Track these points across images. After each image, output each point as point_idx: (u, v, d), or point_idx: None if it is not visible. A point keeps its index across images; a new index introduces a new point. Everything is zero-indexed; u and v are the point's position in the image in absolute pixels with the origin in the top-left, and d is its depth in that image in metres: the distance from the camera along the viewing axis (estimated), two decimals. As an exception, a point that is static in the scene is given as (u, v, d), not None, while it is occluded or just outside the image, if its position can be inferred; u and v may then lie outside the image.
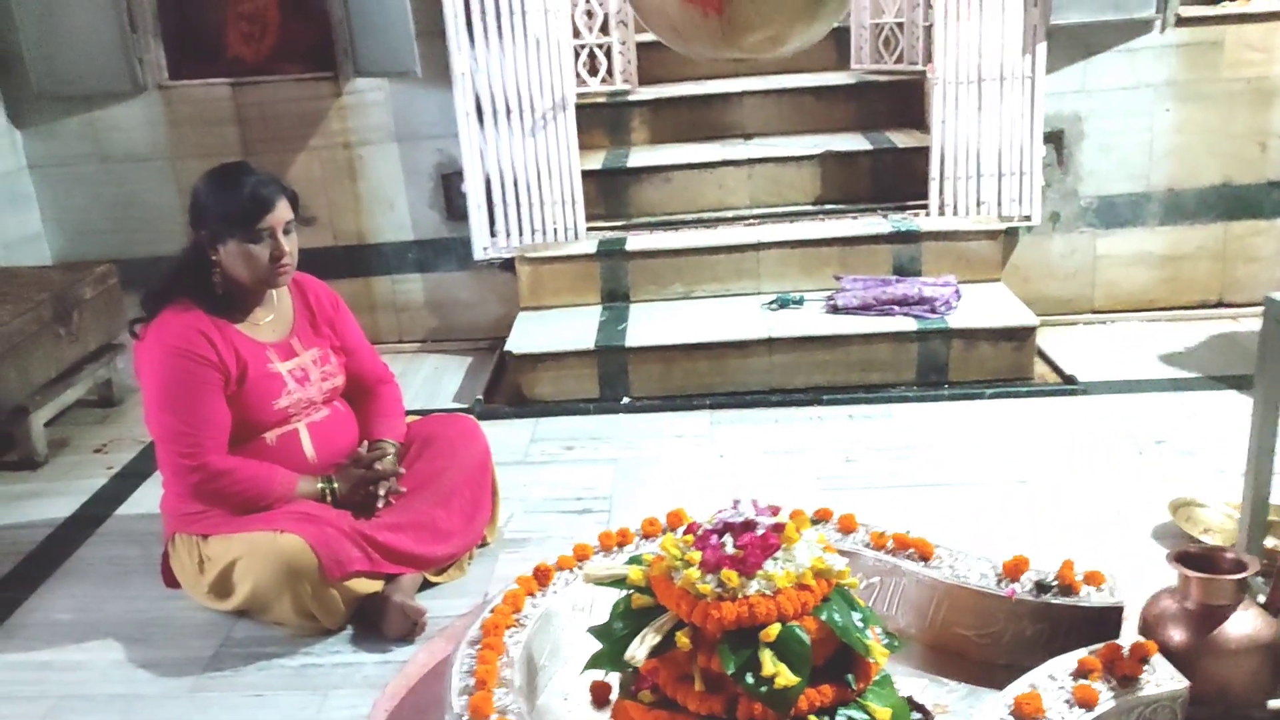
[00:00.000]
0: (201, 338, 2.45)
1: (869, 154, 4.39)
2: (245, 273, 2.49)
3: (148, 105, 4.22)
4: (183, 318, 2.47)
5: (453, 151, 4.20)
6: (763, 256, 4.11)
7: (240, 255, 2.46)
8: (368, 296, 4.44)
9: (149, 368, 2.46)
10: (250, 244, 2.45)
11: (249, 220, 2.44)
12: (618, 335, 3.82)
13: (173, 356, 2.42)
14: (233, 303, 2.55)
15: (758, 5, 1.61)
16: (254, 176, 2.50)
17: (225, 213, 2.45)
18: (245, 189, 2.46)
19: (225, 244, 2.46)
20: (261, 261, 2.47)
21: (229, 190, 2.47)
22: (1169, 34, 4.03)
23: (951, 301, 3.79)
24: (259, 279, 2.51)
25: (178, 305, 2.49)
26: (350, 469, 2.57)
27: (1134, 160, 4.19)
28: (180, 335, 2.44)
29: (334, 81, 4.21)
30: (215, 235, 2.47)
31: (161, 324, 2.47)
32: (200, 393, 2.43)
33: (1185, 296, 4.32)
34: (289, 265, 2.53)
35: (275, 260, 2.48)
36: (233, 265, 2.48)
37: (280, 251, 2.48)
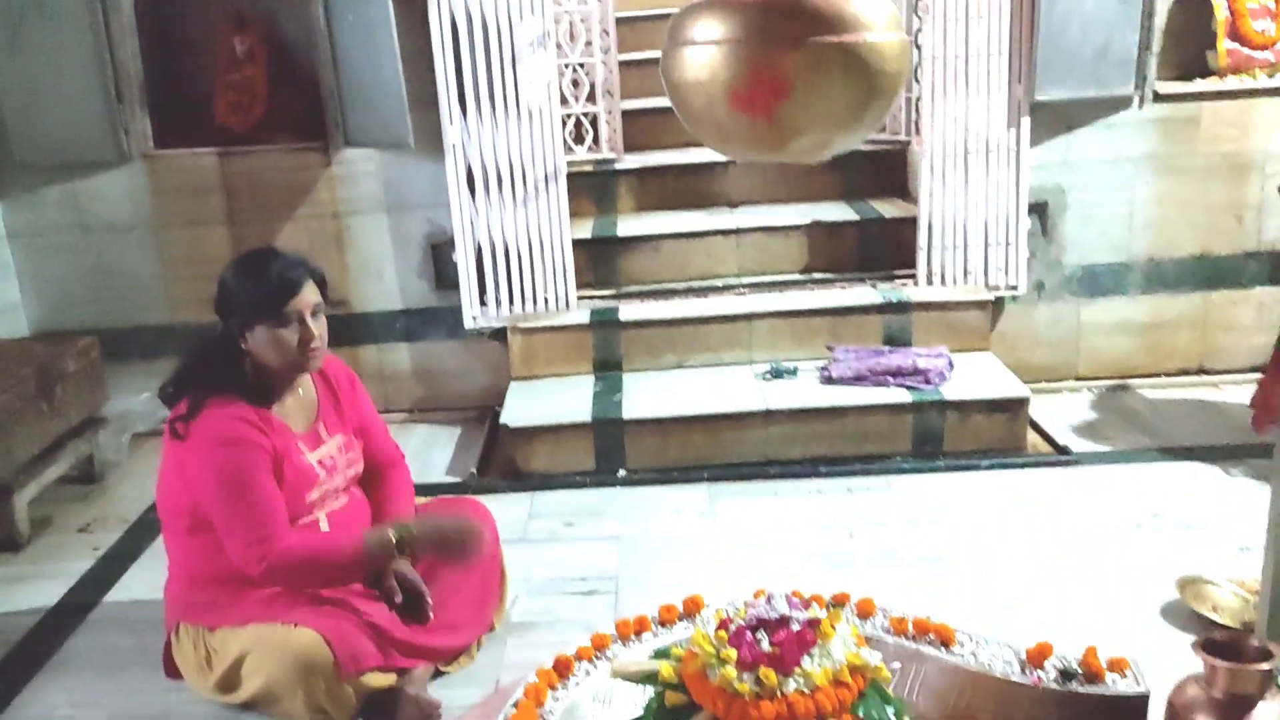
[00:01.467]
0: (251, 426, 2.39)
1: (855, 224, 4.43)
2: (275, 359, 2.43)
3: (131, 174, 4.17)
4: (228, 410, 2.39)
5: (443, 221, 4.19)
6: (755, 326, 4.12)
7: (269, 341, 2.41)
8: (354, 366, 4.28)
9: (202, 464, 2.37)
10: (279, 329, 2.40)
11: (276, 305, 2.39)
12: (613, 407, 3.80)
13: (226, 447, 2.35)
14: (265, 391, 2.49)
15: (807, 111, 1.62)
16: (280, 260, 2.45)
17: (252, 299, 2.40)
18: (271, 273, 2.41)
19: (254, 331, 2.41)
20: (290, 346, 2.41)
21: (255, 276, 2.43)
22: (1147, 110, 4.13)
23: (945, 373, 3.82)
24: (289, 364, 2.46)
25: (219, 399, 2.41)
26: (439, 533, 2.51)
27: (1115, 231, 4.27)
28: (229, 426, 2.37)
29: (323, 151, 4.19)
30: (244, 322, 2.42)
31: (207, 419, 2.38)
32: (258, 478, 2.36)
33: (1167, 364, 4.39)
34: (319, 348, 2.48)
35: (305, 344, 2.43)
36: (262, 352, 2.43)
37: (309, 335, 2.43)
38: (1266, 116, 4.13)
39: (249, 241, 4.24)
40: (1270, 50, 4.14)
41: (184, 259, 4.21)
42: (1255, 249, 4.27)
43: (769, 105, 1.61)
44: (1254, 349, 4.34)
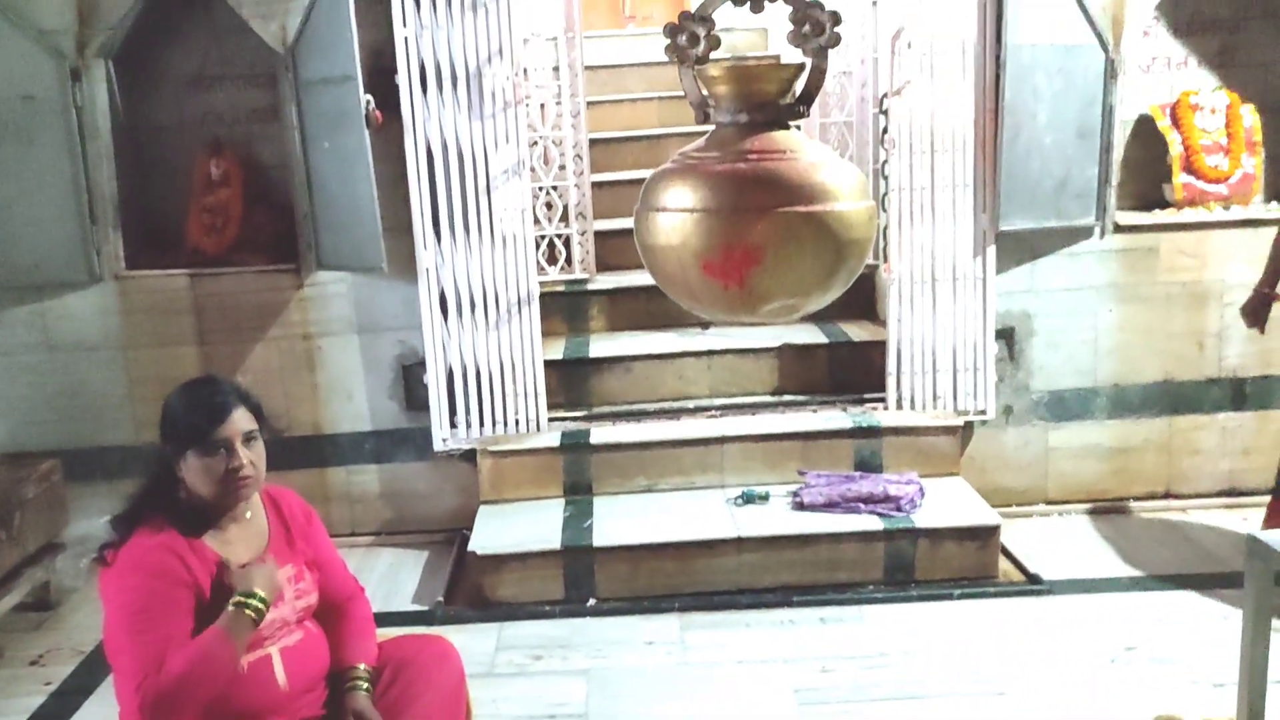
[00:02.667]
0: (175, 558, 2.32)
1: (825, 347, 4.48)
2: (205, 487, 2.38)
3: (102, 295, 4.16)
4: (155, 539, 2.33)
5: (414, 343, 4.19)
6: (726, 450, 4.12)
7: (199, 469, 2.36)
8: (321, 488, 4.33)
9: (116, 591, 2.30)
10: (207, 457, 2.35)
11: (204, 432, 2.35)
12: (584, 534, 3.77)
13: (143, 577, 2.28)
14: (203, 520, 2.44)
15: (778, 278, 1.65)
16: (214, 387, 2.42)
17: (183, 425, 2.36)
18: (201, 400, 2.38)
19: (185, 458, 2.37)
20: (217, 475, 2.36)
21: (188, 403, 2.39)
22: (1108, 240, 4.23)
23: (916, 500, 3.82)
24: (218, 494, 2.40)
25: (150, 526, 2.36)
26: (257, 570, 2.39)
27: (1081, 357, 4.33)
28: (152, 556, 2.30)
29: (296, 274, 4.20)
30: (176, 449, 2.37)
31: (132, 547, 2.33)
32: (169, 614, 2.28)
33: (1134, 488, 4.41)
34: (250, 478, 2.42)
35: (232, 473, 2.38)
36: (193, 480, 2.38)
37: (237, 464, 2.38)
38: (1222, 247, 4.24)
39: (218, 362, 4.23)
40: (1224, 184, 4.27)
41: (152, 379, 4.17)
42: (1217, 375, 4.34)
43: (740, 273, 1.64)
44: (1219, 474, 4.39)
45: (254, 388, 4.12)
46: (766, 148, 1.66)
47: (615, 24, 9.67)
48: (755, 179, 1.62)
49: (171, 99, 4.31)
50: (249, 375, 4.22)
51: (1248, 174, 4.28)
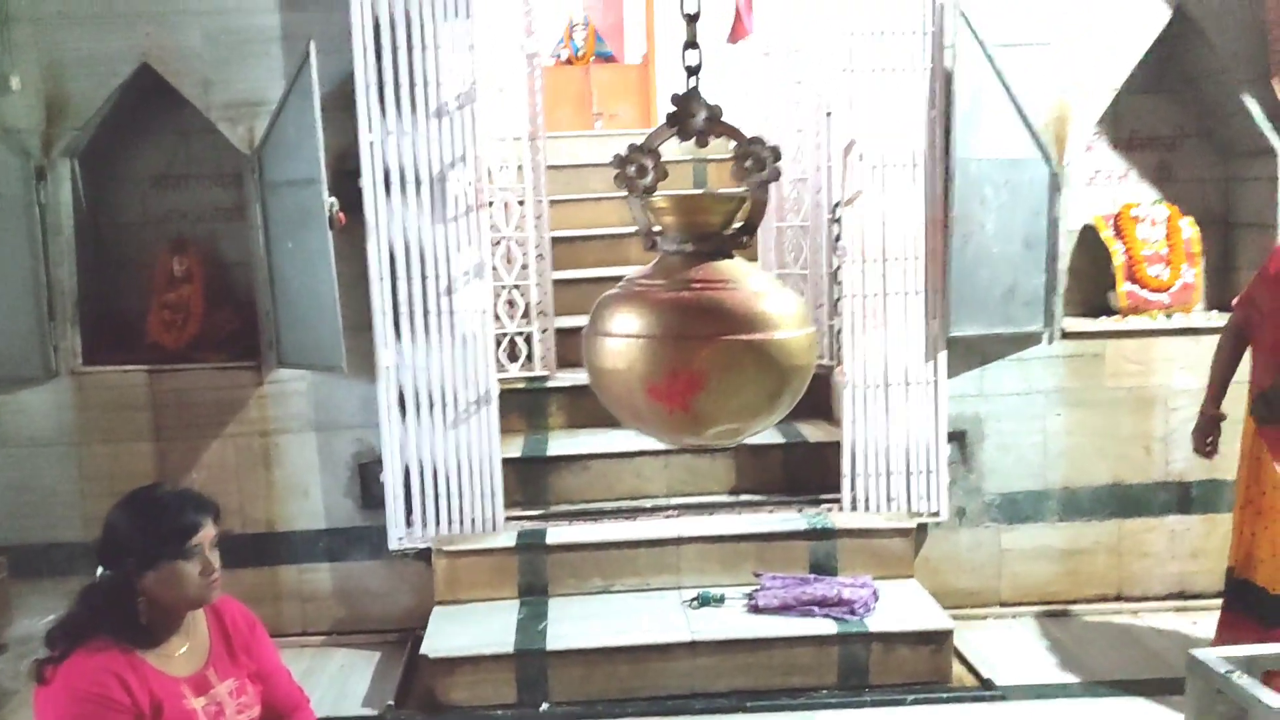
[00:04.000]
0: (115, 680, 2.29)
1: (781, 446, 4.52)
2: (176, 594, 2.36)
3: (57, 390, 4.15)
4: (95, 659, 2.30)
5: (372, 441, 4.20)
6: (682, 551, 4.13)
7: (171, 577, 2.34)
8: (274, 586, 4.29)
9: (51, 716, 2.28)
10: (182, 564, 2.35)
11: (181, 540, 2.34)
12: (537, 637, 3.74)
13: (81, 702, 2.25)
14: (153, 634, 2.41)
15: (721, 404, 1.69)
16: (176, 495, 2.42)
17: (155, 535, 2.35)
18: (173, 509, 2.37)
19: (155, 568, 2.35)
20: (194, 579, 2.35)
21: (154, 513, 2.38)
22: (1056, 346, 4.34)
23: (870, 603, 3.84)
24: (191, 599, 2.39)
25: (91, 645, 2.33)
26: None
27: (1031, 460, 4.41)
28: (92, 679, 2.28)
29: (256, 371, 4.21)
30: (143, 561, 2.36)
31: (71, 667, 2.30)
32: None
33: (1086, 590, 4.46)
34: (219, 579, 2.43)
35: (206, 576, 2.38)
36: (162, 590, 2.35)
37: (211, 568, 2.38)
38: (1166, 354, 4.36)
39: (174, 458, 4.21)
40: (1165, 293, 4.41)
41: (105, 475, 4.15)
42: (1164, 479, 4.42)
43: (685, 398, 1.68)
44: (1168, 576, 4.45)
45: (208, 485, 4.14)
46: (710, 277, 1.72)
47: (583, 123, 9.90)
48: (699, 307, 1.68)
49: (137, 196, 4.36)
50: (204, 472, 4.21)
51: (1188, 283, 4.43)
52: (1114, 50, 4.21)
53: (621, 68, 10.73)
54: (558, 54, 10.67)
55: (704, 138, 1.82)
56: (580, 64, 10.65)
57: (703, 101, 1.79)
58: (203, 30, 4.02)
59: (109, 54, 4.01)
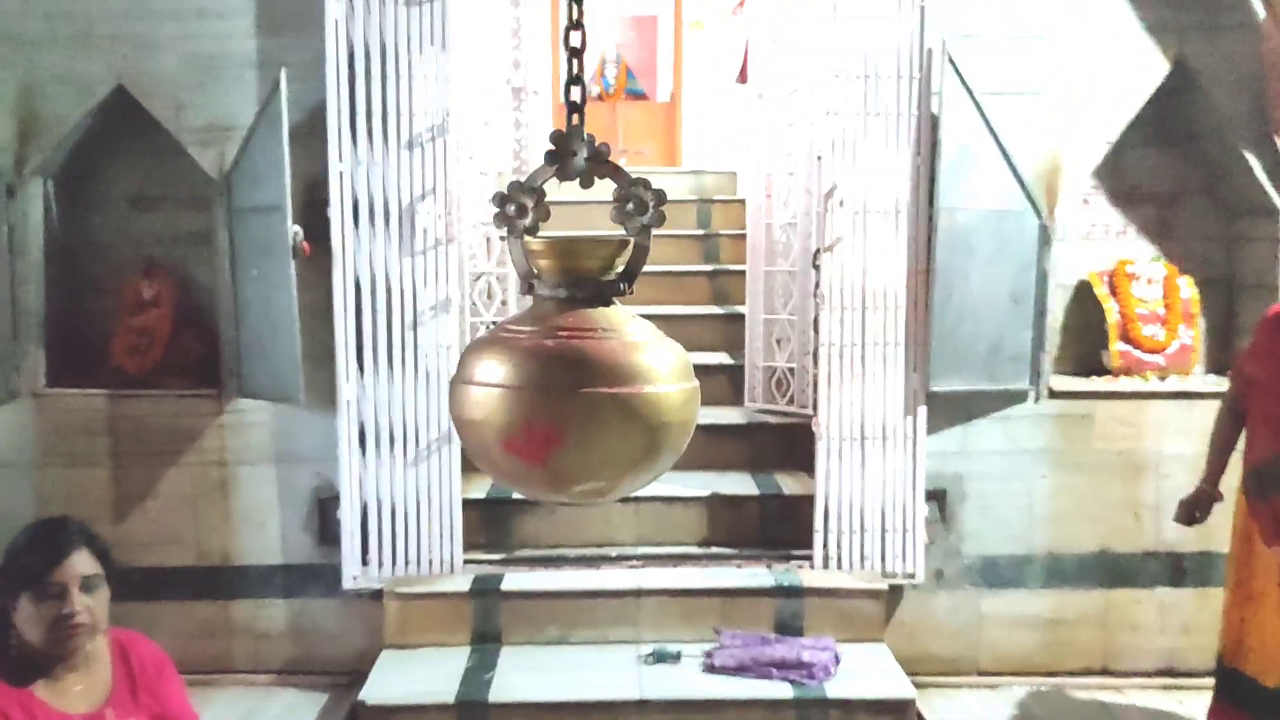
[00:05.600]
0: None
1: (755, 499, 4.37)
2: (34, 633, 2.24)
3: (17, 412, 4.09)
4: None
5: (332, 475, 4.10)
6: (643, 603, 3.98)
7: (30, 615, 2.22)
8: (225, 621, 4.19)
9: None
10: (39, 602, 2.22)
11: (36, 574, 2.22)
12: (481, 688, 3.61)
13: None
14: (36, 668, 2.30)
15: (581, 460, 1.57)
16: (56, 527, 2.31)
17: (18, 567, 2.24)
18: (38, 540, 2.26)
19: (17, 601, 2.24)
20: (48, 620, 2.22)
21: (27, 543, 2.28)
22: (1043, 405, 4.17)
23: (830, 667, 3.67)
24: (47, 642, 2.25)
25: None
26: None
27: (1014, 522, 4.23)
28: None
29: (216, 399, 4.14)
30: (6, 591, 2.24)
31: None
32: None
33: (1070, 662, 4.25)
34: (83, 626, 2.28)
35: (64, 620, 2.24)
36: (24, 625, 2.24)
37: (69, 610, 2.24)
38: (1159, 418, 4.18)
39: (130, 484, 4.15)
40: (1161, 354, 4.23)
41: (61, 499, 4.08)
42: (1154, 549, 4.22)
43: (541, 453, 1.55)
44: (1157, 651, 4.24)
45: (164, 514, 4.05)
46: (578, 325, 1.60)
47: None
48: (559, 357, 1.56)
49: (110, 218, 4.33)
50: (160, 500, 4.14)
51: (1185, 345, 4.25)
52: (1110, 102, 4.07)
53: (649, 105, 10.75)
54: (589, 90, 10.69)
55: (587, 178, 1.71)
56: (611, 100, 10.67)
57: (585, 139, 1.68)
58: (179, 54, 3.99)
59: (86, 75, 3.99)
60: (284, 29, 3.97)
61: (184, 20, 3.97)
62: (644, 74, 11.02)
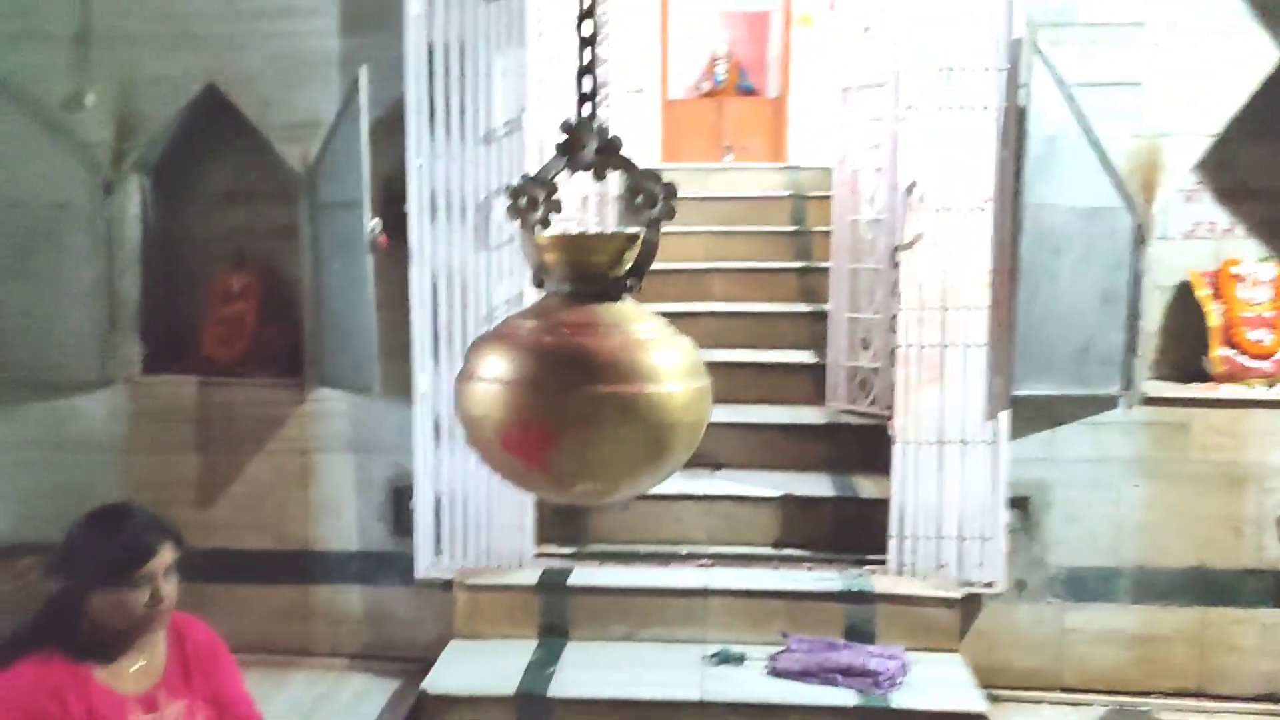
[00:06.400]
0: (51, 695, 2.27)
1: (830, 501, 4.28)
2: (119, 621, 2.33)
3: (113, 397, 4.27)
4: (37, 670, 2.29)
5: (408, 466, 4.16)
6: (711, 604, 3.94)
7: (115, 604, 2.32)
8: (304, 605, 4.29)
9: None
10: (127, 592, 2.32)
11: (128, 569, 2.32)
12: (542, 682, 3.61)
13: (12, 712, 2.25)
14: (100, 650, 2.39)
15: (579, 460, 1.54)
16: (135, 520, 2.39)
17: (103, 560, 2.33)
18: (125, 535, 2.35)
19: (99, 591, 2.33)
20: (138, 608, 2.32)
21: (107, 537, 2.36)
22: (1135, 412, 3.97)
23: (897, 677, 3.56)
24: (134, 626, 2.36)
25: (38, 655, 2.32)
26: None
27: (1102, 534, 4.04)
28: (27, 691, 2.26)
29: (298, 389, 4.24)
30: (89, 583, 2.34)
31: (14, 676, 2.29)
32: None
33: (1162, 682, 4.04)
34: (166, 610, 2.39)
35: (153, 605, 2.34)
36: (106, 613, 2.33)
37: (159, 598, 2.35)
38: (1263, 428, 3.93)
39: (216, 471, 4.28)
40: (1268, 360, 3.98)
41: (151, 483, 4.24)
42: (1257, 566, 3.98)
43: (539, 453, 1.54)
44: (1258, 675, 4.00)
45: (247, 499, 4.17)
46: (582, 321, 1.57)
47: (713, 155, 9.85)
48: (558, 354, 1.53)
49: (203, 212, 4.48)
50: (244, 485, 4.27)
51: (1295, 351, 3.99)
52: (1213, 93, 3.84)
53: (756, 101, 10.65)
54: (699, 86, 10.67)
55: (599, 170, 1.68)
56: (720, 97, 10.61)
57: (596, 131, 1.65)
58: (266, 53, 4.10)
59: (179, 74, 4.14)
60: (365, 27, 4.04)
61: (270, 20, 4.08)
62: (755, 70, 10.93)
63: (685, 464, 4.67)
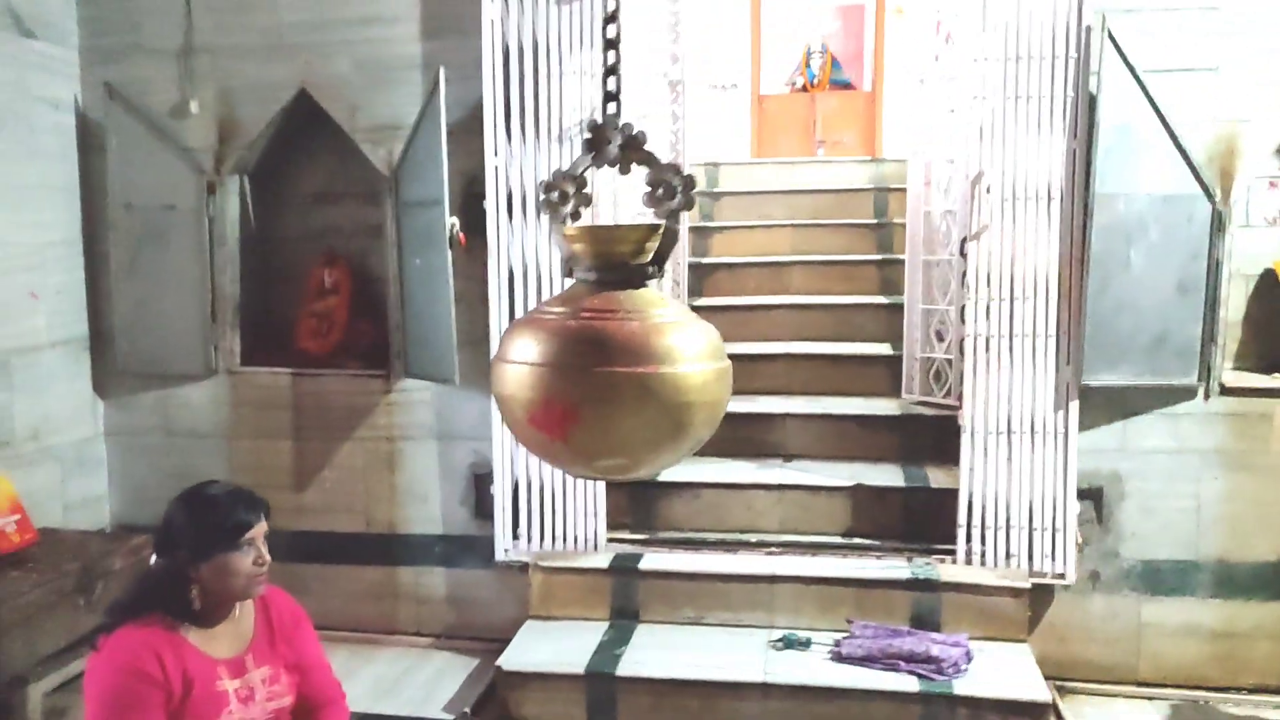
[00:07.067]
0: (152, 655, 2.48)
1: (901, 491, 4.31)
2: (228, 583, 2.52)
3: (216, 387, 4.54)
4: (138, 634, 2.50)
5: (487, 453, 4.33)
6: (778, 590, 4.01)
7: (224, 567, 2.51)
8: (391, 586, 4.50)
9: (94, 680, 2.49)
10: (236, 556, 2.52)
11: (235, 534, 2.52)
12: (611, 661, 3.74)
13: (119, 673, 2.45)
14: (203, 617, 2.59)
15: (601, 437, 1.65)
16: (231, 492, 2.59)
17: (214, 528, 2.53)
18: (229, 504, 2.55)
19: (210, 559, 2.53)
20: (245, 570, 2.52)
21: (212, 509, 2.56)
22: (1214, 402, 3.91)
23: (960, 664, 3.58)
24: (241, 588, 2.56)
25: (139, 621, 2.53)
26: None
27: (1180, 526, 3.98)
28: (131, 651, 2.47)
29: (385, 380, 4.45)
30: (199, 552, 2.54)
31: (118, 639, 2.50)
32: (138, 710, 2.45)
33: (1243, 678, 3.97)
34: (265, 573, 2.59)
35: (258, 566, 2.54)
36: (215, 579, 2.53)
37: (263, 560, 2.55)
38: (1349, 420, 3.84)
39: (309, 457, 4.51)
40: (1355, 350, 3.88)
41: (250, 468, 4.50)
42: (1343, 561, 3.88)
43: (562, 429, 1.65)
44: (1346, 674, 3.90)
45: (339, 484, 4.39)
46: (603, 306, 1.68)
47: (806, 149, 9.86)
48: (577, 336, 1.64)
49: (298, 212, 4.72)
50: (335, 471, 4.49)
51: (1384, 340, 3.88)
52: (1293, 75, 3.76)
53: (849, 95, 10.60)
54: (793, 81, 10.66)
55: (624, 164, 1.78)
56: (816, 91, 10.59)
57: (619, 128, 1.76)
58: (352, 59, 4.31)
59: (273, 81, 4.37)
60: (444, 32, 4.22)
61: (357, 28, 4.28)
62: (851, 64, 10.87)
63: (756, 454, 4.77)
